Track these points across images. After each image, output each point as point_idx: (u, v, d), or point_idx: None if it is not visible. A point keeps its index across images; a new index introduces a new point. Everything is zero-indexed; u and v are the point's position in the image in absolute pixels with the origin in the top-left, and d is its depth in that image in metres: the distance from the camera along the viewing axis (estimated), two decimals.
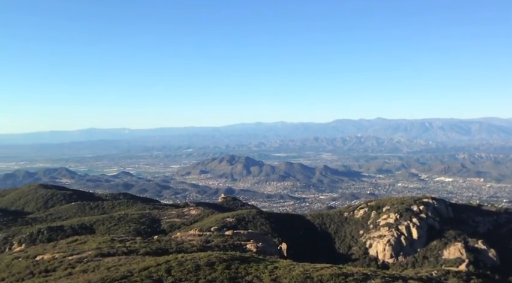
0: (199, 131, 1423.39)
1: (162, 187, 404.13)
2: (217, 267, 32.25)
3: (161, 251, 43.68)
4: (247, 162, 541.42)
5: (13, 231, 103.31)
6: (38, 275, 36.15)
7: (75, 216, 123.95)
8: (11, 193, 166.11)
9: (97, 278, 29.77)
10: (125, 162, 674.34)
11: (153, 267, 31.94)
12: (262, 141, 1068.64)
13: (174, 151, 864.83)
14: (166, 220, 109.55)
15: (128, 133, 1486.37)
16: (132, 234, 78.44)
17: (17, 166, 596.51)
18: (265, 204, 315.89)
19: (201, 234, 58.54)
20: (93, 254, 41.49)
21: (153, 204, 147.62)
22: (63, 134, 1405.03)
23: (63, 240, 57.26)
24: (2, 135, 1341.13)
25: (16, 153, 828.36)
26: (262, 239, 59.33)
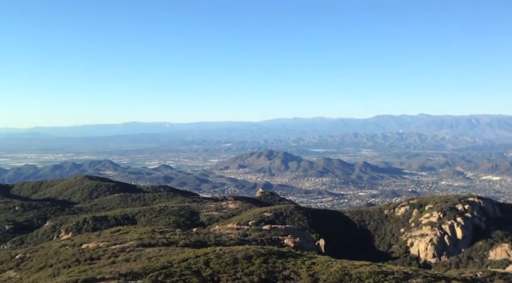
0: (237, 125, 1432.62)
1: (201, 181, 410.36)
2: (255, 260, 32.34)
3: (200, 243, 44.31)
4: (285, 157, 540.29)
5: (61, 220, 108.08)
6: (83, 263, 37.58)
7: (118, 207, 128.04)
8: (59, 184, 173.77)
9: (139, 267, 30.58)
10: (165, 156, 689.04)
11: (192, 258, 32.44)
12: (301, 136, 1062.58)
13: (213, 145, 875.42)
14: (205, 213, 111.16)
15: (169, 127, 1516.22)
16: (171, 226, 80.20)
17: (65, 158, 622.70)
18: (303, 200, 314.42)
19: (239, 227, 58.95)
20: (135, 244, 42.67)
21: (192, 197, 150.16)
22: (108, 127, 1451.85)
23: (106, 230, 59.27)
24: (52, 128, 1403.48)
25: (64, 146, 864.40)
26: (299, 234, 59.06)
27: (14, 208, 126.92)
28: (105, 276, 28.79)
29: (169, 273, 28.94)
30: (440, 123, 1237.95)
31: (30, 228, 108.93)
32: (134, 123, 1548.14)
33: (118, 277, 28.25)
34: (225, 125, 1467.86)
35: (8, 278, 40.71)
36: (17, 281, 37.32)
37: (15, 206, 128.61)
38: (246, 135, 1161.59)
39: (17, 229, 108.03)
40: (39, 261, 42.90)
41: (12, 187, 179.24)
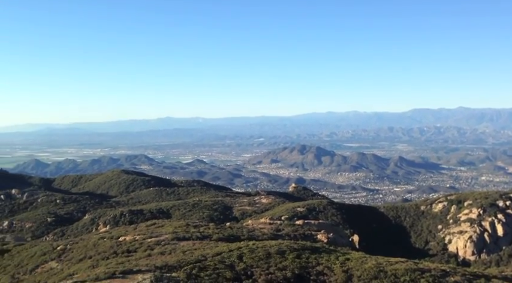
0: (270, 120, 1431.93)
1: (234, 176, 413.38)
2: (288, 255, 32.28)
3: (233, 238, 44.61)
4: (318, 152, 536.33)
5: (99, 213, 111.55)
6: (120, 255, 38.59)
7: (153, 201, 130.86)
8: (97, 178, 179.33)
9: (173, 260, 31.11)
10: (198, 150, 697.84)
11: (226, 252, 32.70)
12: (334, 130, 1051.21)
13: (245, 140, 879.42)
14: (238, 208, 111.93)
15: (202, 122, 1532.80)
16: (205, 220, 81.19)
17: (102, 152, 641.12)
18: (336, 195, 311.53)
19: (272, 222, 59.01)
20: (169, 238, 43.44)
21: (226, 192, 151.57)
22: (143, 122, 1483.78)
23: (142, 223, 60.63)
24: (89, 124, 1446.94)
25: (101, 141, 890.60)
26: (333, 230, 58.55)
27: (55, 201, 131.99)
28: (142, 268, 29.44)
29: (204, 267, 29.29)
30: (481, 117, 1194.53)
31: (70, 221, 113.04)
32: (168, 119, 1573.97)
33: (154, 270, 28.83)
34: (258, 119, 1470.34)
35: (50, 268, 42.37)
36: (59, 272, 38.74)
37: (56, 199, 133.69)
38: (278, 129, 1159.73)
39: (58, 222, 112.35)
40: (79, 253, 44.39)
41: (54, 181, 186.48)
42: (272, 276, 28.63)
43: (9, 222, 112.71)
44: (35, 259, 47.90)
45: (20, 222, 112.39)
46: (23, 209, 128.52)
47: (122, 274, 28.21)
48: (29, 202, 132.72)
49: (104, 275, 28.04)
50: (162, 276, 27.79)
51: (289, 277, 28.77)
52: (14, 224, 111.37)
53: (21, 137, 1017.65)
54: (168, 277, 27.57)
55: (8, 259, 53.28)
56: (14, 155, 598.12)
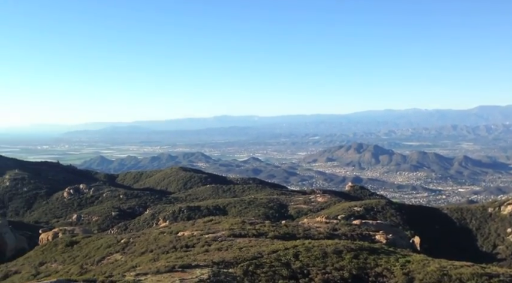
0: (325, 118, 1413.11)
1: (289, 174, 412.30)
2: (345, 255, 31.64)
3: (289, 236, 44.45)
4: (375, 151, 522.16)
5: (159, 208, 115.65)
6: (179, 249, 39.70)
7: (210, 198, 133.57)
8: (156, 175, 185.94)
9: (230, 257, 31.52)
10: (254, 148, 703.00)
11: (282, 250, 32.64)
12: (393, 129, 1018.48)
13: (300, 138, 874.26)
14: (294, 206, 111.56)
15: (257, 120, 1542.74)
16: (261, 218, 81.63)
17: (161, 150, 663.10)
18: (395, 195, 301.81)
19: (328, 221, 58.14)
20: (226, 234, 44.08)
21: (281, 190, 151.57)
22: (200, 121, 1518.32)
23: (200, 219, 62.04)
24: (150, 122, 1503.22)
25: (160, 138, 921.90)
26: (392, 231, 56.69)
27: (118, 197, 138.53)
28: (200, 263, 30.08)
29: (260, 264, 29.42)
30: None
31: (132, 215, 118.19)
32: (225, 117, 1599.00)
33: (211, 265, 29.36)
34: (313, 117, 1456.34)
35: (115, 260, 44.48)
36: (123, 263, 40.55)
37: (119, 194, 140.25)
38: (334, 127, 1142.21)
39: (121, 216, 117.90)
40: (141, 246, 46.21)
41: (117, 177, 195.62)
42: (329, 276, 28.21)
43: (77, 215, 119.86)
44: (101, 251, 50.50)
45: (87, 216, 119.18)
46: (90, 203, 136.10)
47: (181, 268, 28.98)
48: (95, 197, 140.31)
49: (164, 268, 28.94)
50: (220, 271, 28.24)
51: (347, 278, 28.21)
52: (82, 217, 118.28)
53: (88, 135, 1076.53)
54: (225, 273, 27.97)
55: (77, 250, 56.61)
56: (81, 152, 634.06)
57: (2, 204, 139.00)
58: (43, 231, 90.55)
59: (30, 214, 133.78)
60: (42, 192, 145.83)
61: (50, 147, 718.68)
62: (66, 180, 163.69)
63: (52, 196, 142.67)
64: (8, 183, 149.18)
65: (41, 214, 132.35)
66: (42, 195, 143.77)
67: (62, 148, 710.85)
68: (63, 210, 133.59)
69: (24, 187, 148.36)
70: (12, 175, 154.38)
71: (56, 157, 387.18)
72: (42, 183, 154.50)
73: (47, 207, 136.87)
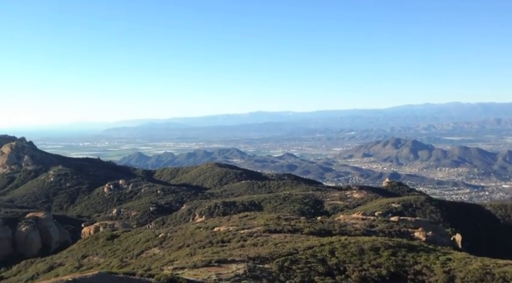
0: (362, 113, 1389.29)
1: (324, 170, 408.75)
2: (383, 252, 31.11)
3: (324, 232, 44.11)
4: (414, 146, 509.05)
5: (195, 204, 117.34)
6: (215, 244, 40.16)
7: (245, 193, 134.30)
8: (192, 170, 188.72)
9: (266, 252, 31.59)
10: (288, 144, 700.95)
11: (317, 246, 32.43)
12: (432, 123, 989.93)
13: (336, 133, 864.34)
14: (329, 202, 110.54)
15: (292, 116, 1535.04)
16: (296, 214, 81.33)
17: (197, 146, 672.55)
18: (435, 191, 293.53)
19: (365, 218, 57.19)
20: (261, 230, 44.21)
21: (316, 186, 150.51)
22: (235, 117, 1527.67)
23: (235, 215, 62.51)
24: (186, 119, 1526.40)
25: (196, 134, 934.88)
26: (432, 228, 55.11)
27: (156, 192, 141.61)
28: (236, 259, 30.31)
29: (295, 260, 29.35)
30: None
31: (169, 210, 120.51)
32: (259, 113, 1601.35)
33: (247, 261, 29.53)
34: (349, 112, 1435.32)
35: (153, 254, 45.54)
36: (161, 257, 41.45)
37: (157, 190, 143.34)
38: (370, 122, 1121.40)
39: (159, 211, 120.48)
40: (178, 241, 47.07)
41: (154, 173, 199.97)
42: (366, 273, 27.80)
43: (117, 209, 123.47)
44: (140, 245, 51.84)
45: (126, 210, 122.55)
46: (129, 198, 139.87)
47: (217, 263, 29.31)
48: (133, 192, 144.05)
49: (201, 263, 29.35)
50: (255, 267, 28.36)
51: (384, 275, 27.72)
52: (121, 212, 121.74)
53: (127, 132, 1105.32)
54: (260, 269, 28.06)
55: (117, 244, 58.35)
56: (120, 149, 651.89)
57: (47, 199, 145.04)
58: (85, 225, 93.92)
59: (73, 209, 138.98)
60: (84, 187, 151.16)
61: (91, 143, 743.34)
62: (106, 176, 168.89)
63: (93, 192, 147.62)
64: (52, 179, 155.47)
65: (83, 209, 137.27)
66: (84, 190, 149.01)
67: (102, 144, 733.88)
68: (104, 204, 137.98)
69: (67, 182, 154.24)
70: (56, 171, 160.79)
71: (97, 153, 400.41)
72: (84, 178, 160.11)
73: (89, 202, 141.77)
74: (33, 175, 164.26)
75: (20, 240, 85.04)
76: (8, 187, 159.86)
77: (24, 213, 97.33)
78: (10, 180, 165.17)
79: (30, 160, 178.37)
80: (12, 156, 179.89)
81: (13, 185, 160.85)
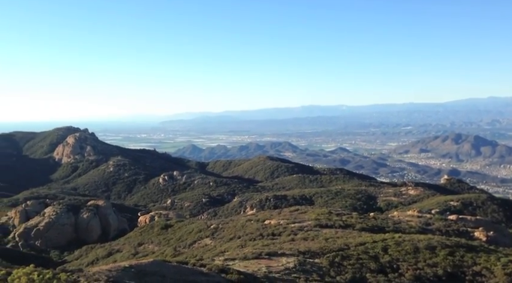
0: (419, 107, 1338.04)
1: (378, 165, 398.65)
2: (439, 252, 29.89)
3: (377, 229, 43.08)
4: (476, 142, 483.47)
5: (246, 196, 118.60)
6: (266, 237, 40.37)
7: (297, 187, 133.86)
8: (244, 163, 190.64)
9: (316, 247, 31.32)
10: (341, 138, 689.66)
11: (370, 243, 31.72)
12: (497, 118, 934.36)
13: (391, 128, 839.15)
14: (383, 198, 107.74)
15: (345, 109, 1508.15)
16: (348, 209, 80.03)
17: (249, 139, 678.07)
18: (499, 190, 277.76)
19: (420, 215, 55.15)
20: (312, 224, 43.88)
21: (369, 181, 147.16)
22: (287, 110, 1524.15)
23: (286, 208, 62.47)
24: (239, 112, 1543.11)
25: (249, 128, 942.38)
26: (493, 228, 52.17)
27: (209, 184, 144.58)
28: (286, 252, 30.29)
29: (346, 256, 28.87)
30: None
31: (221, 202, 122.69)
32: (312, 106, 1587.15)
33: (297, 254, 29.42)
34: (405, 106, 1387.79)
35: (205, 244, 46.56)
36: (212, 248, 42.26)
37: (209, 182, 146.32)
38: (429, 117, 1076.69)
39: (211, 202, 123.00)
40: (229, 232, 47.79)
41: (207, 165, 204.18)
42: (420, 272, 26.85)
43: (171, 200, 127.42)
44: (193, 235, 53.16)
45: (180, 201, 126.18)
46: (182, 189, 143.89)
47: (267, 255, 29.43)
48: (187, 183, 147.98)
49: (252, 255, 29.59)
50: (305, 261, 28.19)
51: (440, 275, 26.64)
52: (175, 202, 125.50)
53: (182, 124, 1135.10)
54: (311, 263, 27.86)
55: (171, 233, 60.24)
56: (175, 141, 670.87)
57: (107, 188, 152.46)
58: (141, 214, 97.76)
59: (130, 198, 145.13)
60: (140, 177, 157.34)
61: (147, 135, 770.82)
62: (162, 167, 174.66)
63: (149, 182, 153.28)
64: (111, 169, 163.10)
65: (139, 198, 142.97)
66: (141, 181, 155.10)
67: (158, 137, 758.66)
68: (159, 195, 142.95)
69: (125, 172, 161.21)
70: (115, 162, 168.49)
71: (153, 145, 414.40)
72: (140, 169, 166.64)
73: (145, 192, 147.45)
74: (94, 165, 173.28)
75: (81, 226, 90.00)
76: (71, 176, 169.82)
77: (86, 201, 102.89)
78: (74, 169, 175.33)
79: (92, 150, 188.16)
80: (76, 146, 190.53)
81: (76, 174, 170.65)
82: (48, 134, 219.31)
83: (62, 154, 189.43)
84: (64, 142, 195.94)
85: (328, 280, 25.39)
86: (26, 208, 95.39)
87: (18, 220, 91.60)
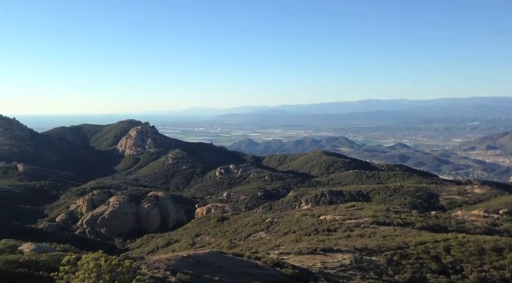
0: (487, 101, 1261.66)
1: (440, 162, 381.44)
2: (507, 254, 28.15)
3: (439, 228, 41.37)
4: None
5: (301, 191, 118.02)
6: (321, 233, 40.00)
7: (353, 183, 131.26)
8: (300, 158, 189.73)
9: (373, 245, 30.56)
10: (401, 134, 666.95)
11: (430, 242, 30.51)
12: None
13: (456, 123, 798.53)
14: (445, 196, 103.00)
15: (406, 104, 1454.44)
16: (407, 207, 77.37)
17: (305, 134, 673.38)
18: None
19: (487, 215, 52.18)
20: (369, 221, 42.88)
21: (431, 178, 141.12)
22: (344, 105, 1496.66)
23: (342, 204, 61.50)
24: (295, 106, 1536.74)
25: (305, 122, 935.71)
26: None
27: (264, 178, 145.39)
28: (341, 248, 29.82)
29: (405, 254, 27.97)
30: None
31: (276, 196, 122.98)
32: (370, 101, 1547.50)
33: (353, 251, 28.87)
34: (472, 100, 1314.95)
35: (260, 238, 46.93)
36: (267, 242, 42.51)
37: (265, 176, 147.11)
38: (498, 112, 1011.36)
39: (266, 196, 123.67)
40: (284, 227, 47.83)
41: (263, 159, 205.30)
42: (486, 275, 25.43)
43: (227, 193, 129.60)
44: (248, 228, 53.77)
45: (235, 194, 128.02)
46: (238, 183, 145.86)
47: (322, 251, 29.14)
48: (242, 177, 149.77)
49: (306, 250, 29.43)
50: (362, 258, 27.60)
51: (508, 278, 25.10)
52: (231, 195, 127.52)
53: (237, 118, 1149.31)
54: (367, 261, 27.23)
55: (227, 226, 61.32)
56: (231, 134, 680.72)
57: (166, 179, 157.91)
58: (198, 206, 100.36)
59: (188, 190, 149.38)
60: (198, 170, 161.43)
61: (205, 129, 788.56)
62: (218, 160, 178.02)
63: (206, 175, 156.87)
64: (170, 161, 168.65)
65: (197, 191, 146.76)
66: (198, 173, 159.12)
67: (215, 130, 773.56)
68: (215, 187, 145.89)
69: (183, 165, 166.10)
70: (174, 154, 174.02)
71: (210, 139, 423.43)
72: (198, 162, 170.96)
73: (202, 184, 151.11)
74: (154, 157, 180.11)
75: (142, 215, 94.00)
76: (133, 168, 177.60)
77: (147, 192, 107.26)
78: (135, 161, 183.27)
79: (152, 143, 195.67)
80: (138, 139, 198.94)
81: (138, 166, 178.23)
82: (112, 127, 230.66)
83: (125, 147, 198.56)
84: (127, 135, 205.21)
85: (385, 278, 24.71)
86: (92, 197, 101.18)
87: (86, 208, 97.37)
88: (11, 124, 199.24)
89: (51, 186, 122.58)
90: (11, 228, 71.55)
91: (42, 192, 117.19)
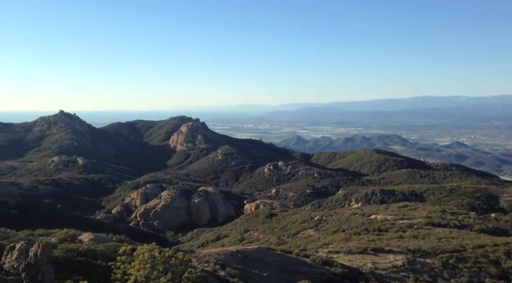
0: None
1: (501, 162, 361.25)
2: None
3: (499, 231, 39.25)
4: None
5: (351, 190, 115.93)
6: (372, 232, 39.11)
7: (406, 182, 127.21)
8: (350, 156, 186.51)
9: (427, 246, 29.50)
10: (458, 132, 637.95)
11: (490, 246, 29.00)
12: None
13: None
14: (506, 198, 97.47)
15: (464, 101, 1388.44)
16: (464, 208, 73.91)
17: (356, 131, 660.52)
18: None
19: None
20: (423, 222, 41.43)
21: (491, 179, 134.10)
22: (397, 101, 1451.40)
23: (394, 204, 59.83)
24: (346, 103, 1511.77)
25: (355, 119, 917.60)
26: None
27: (313, 175, 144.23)
28: (393, 249, 29.04)
29: (462, 258, 26.78)
30: None
31: (325, 194, 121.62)
32: (425, 97, 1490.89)
33: (406, 252, 28.04)
34: None
35: (308, 235, 46.63)
36: (316, 240, 42.15)
37: (314, 173, 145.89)
38: None
39: (315, 194, 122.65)
40: (333, 225, 47.22)
41: (312, 156, 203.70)
42: None
43: (276, 189, 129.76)
44: (296, 225, 53.59)
45: (284, 191, 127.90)
46: (287, 180, 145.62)
47: (373, 251, 28.51)
48: (291, 174, 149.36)
49: (356, 249, 28.90)
50: (415, 260, 26.74)
51: None
52: (279, 192, 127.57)
53: (286, 115, 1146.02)
54: (421, 263, 26.34)
55: (275, 222, 61.45)
56: (280, 131, 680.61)
57: (215, 175, 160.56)
58: (247, 202, 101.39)
59: (237, 186, 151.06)
60: (247, 166, 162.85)
61: (253, 125, 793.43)
62: (267, 157, 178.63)
63: (255, 171, 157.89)
64: (220, 157, 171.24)
65: (245, 187, 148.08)
66: (247, 169, 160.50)
67: (264, 127, 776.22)
68: (264, 184, 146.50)
69: (232, 161, 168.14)
70: (223, 150, 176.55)
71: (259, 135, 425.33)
72: (247, 158, 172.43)
73: (251, 181, 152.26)
74: (204, 153, 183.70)
75: (193, 210, 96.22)
76: (184, 163, 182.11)
77: (197, 187, 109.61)
78: (186, 156, 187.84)
79: (202, 139, 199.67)
80: (189, 135, 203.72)
81: (188, 161, 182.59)
82: (164, 123, 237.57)
83: (176, 142, 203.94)
84: (178, 130, 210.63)
85: (440, 282, 23.78)
86: (145, 191, 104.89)
87: (139, 202, 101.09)
88: (72, 120, 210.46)
89: (108, 179, 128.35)
90: (71, 218, 75.65)
91: (100, 184, 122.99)
